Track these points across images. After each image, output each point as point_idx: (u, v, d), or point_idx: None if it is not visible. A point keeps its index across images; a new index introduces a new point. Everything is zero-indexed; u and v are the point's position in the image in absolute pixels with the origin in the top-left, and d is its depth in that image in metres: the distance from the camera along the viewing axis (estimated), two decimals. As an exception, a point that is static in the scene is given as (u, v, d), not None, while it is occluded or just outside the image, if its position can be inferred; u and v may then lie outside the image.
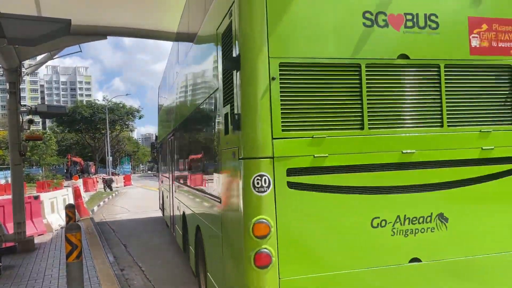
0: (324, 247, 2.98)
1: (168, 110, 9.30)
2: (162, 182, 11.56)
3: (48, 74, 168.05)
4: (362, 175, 3.08)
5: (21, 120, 9.39)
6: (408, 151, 3.14)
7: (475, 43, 3.40)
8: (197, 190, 5.06)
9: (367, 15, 3.13)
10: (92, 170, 62.79)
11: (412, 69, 3.23)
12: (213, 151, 3.88)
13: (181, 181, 6.91)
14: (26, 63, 10.26)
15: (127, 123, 67.10)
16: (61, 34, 5.54)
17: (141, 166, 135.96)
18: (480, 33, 3.40)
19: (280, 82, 2.93)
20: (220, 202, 3.59)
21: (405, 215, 3.12)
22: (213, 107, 3.82)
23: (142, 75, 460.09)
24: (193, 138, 5.52)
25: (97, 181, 34.52)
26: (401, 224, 3.11)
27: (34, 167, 56.81)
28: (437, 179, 3.22)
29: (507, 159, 3.32)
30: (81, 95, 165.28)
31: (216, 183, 3.71)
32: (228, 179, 3.28)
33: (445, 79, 3.29)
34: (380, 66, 3.16)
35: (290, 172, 2.96)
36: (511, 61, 3.49)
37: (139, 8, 9.04)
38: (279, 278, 2.86)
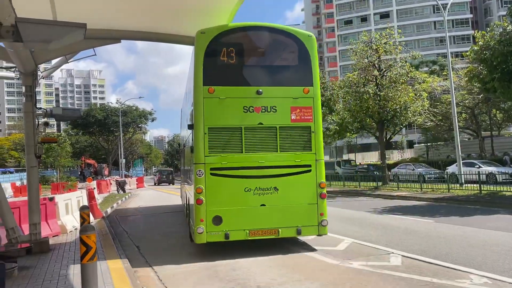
0: (224, 198, 8.29)
1: (182, 129, 16.34)
2: (181, 178, 18.26)
3: (63, 78, 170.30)
4: (242, 171, 8.40)
5: (36, 123, 9.54)
6: (261, 161, 8.52)
7: (293, 117, 8.76)
8: (188, 178, 11.17)
9: (245, 107, 8.58)
10: (106, 172, 63.38)
11: (264, 129, 8.62)
12: (190, 159, 9.47)
13: (184, 175, 13.79)
14: (42, 66, 10.44)
15: (140, 125, 67.53)
16: (77, 38, 5.60)
17: (153, 168, 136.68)
18: (296, 113, 8.76)
19: (208, 134, 8.35)
20: (192, 181, 8.94)
21: (259, 187, 8.46)
22: (190, 139, 9.50)
23: (154, 78, 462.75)
24: (187, 152, 11.50)
25: (111, 183, 34.84)
26: (257, 190, 8.45)
27: (49, 169, 57.58)
28: (274, 173, 8.54)
29: (305, 166, 8.72)
30: (95, 98, 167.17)
31: (191, 174, 9.18)
32: (192, 172, 8.68)
33: (279, 133, 8.66)
34: (250, 128, 8.55)
35: (211, 169, 8.30)
36: (309, 124, 8.85)
37: (153, 12, 9.12)
38: (206, 209, 8.18)
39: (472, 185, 20.01)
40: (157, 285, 6.80)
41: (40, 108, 9.71)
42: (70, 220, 12.19)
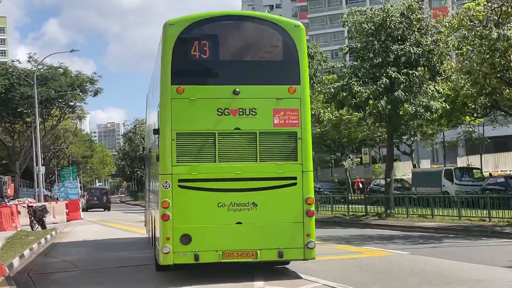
0: (193, 214, 13.33)
1: (148, 129, 22.90)
2: (147, 196, 24.74)
3: None
4: (215, 183, 13.38)
5: None
6: (238, 172, 13.42)
7: (276, 121, 13.58)
8: (154, 195, 16.63)
9: (219, 109, 13.46)
10: (9, 191, 64.15)
11: (242, 134, 13.59)
12: (156, 170, 15.15)
13: (151, 193, 18.93)
14: None
15: (72, 103, 68.10)
16: None
17: (97, 183, 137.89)
18: (279, 116, 13.58)
19: (176, 141, 13.35)
20: (157, 195, 14.38)
21: (234, 202, 13.33)
22: (157, 143, 14.45)
23: (98, 15, 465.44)
24: (153, 161, 16.66)
25: (19, 212, 35.21)
26: (232, 206, 13.29)
27: None
28: (252, 186, 13.49)
29: (290, 178, 13.58)
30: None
31: (157, 187, 14.36)
32: (158, 182, 13.70)
33: (259, 139, 13.55)
34: (225, 133, 13.53)
35: (180, 180, 13.30)
36: (295, 129, 13.70)
37: None
38: (173, 225, 13.12)
39: None
40: None
41: None
42: None
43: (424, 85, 30.97)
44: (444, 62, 30.47)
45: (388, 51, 30.63)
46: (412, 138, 43.91)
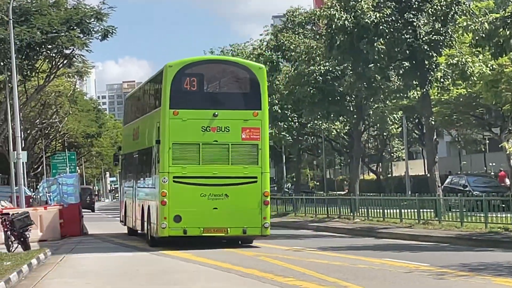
0: (183, 200, 45.65)
1: (129, 131, 64.88)
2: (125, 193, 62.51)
3: None
4: (199, 179, 47.21)
5: None
6: (215, 172, 47.99)
7: (244, 136, 47.40)
8: (150, 186, 54.74)
9: (203, 127, 46.59)
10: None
11: (219, 145, 49.08)
12: (157, 168, 50.77)
13: (137, 185, 59.90)
14: None
15: (68, 51, 68.56)
16: None
17: (109, 179, 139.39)
18: (246, 132, 47.36)
19: (172, 149, 47.46)
20: (155, 188, 50.05)
21: (212, 193, 46.52)
22: (156, 150, 50.70)
23: None
24: (145, 162, 59.31)
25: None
26: (211, 196, 46.47)
27: None
28: (225, 182, 47.60)
29: (252, 177, 46.18)
30: None
31: (157, 180, 48.15)
32: (158, 178, 47.93)
33: (231, 149, 48.29)
34: (207, 144, 48.58)
35: (174, 177, 47.12)
36: (257, 142, 47.49)
37: None
38: (169, 209, 44.22)
39: None
40: None
41: None
42: None
43: None
44: None
45: None
46: None
